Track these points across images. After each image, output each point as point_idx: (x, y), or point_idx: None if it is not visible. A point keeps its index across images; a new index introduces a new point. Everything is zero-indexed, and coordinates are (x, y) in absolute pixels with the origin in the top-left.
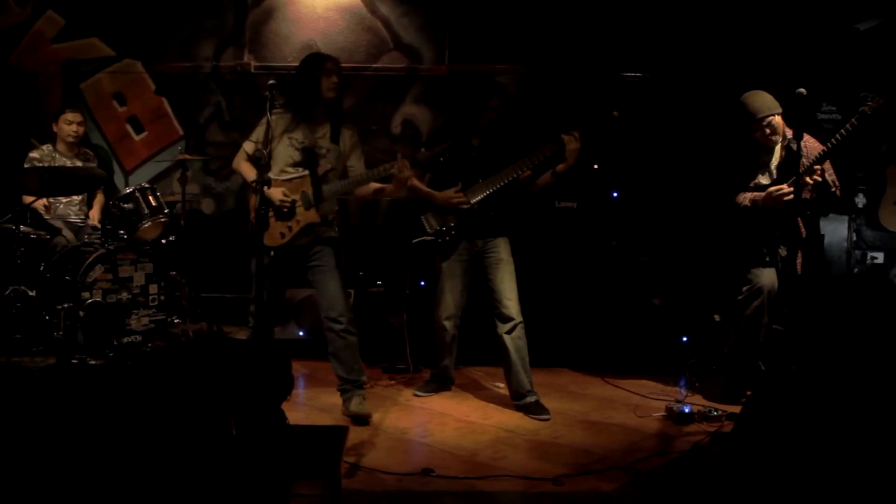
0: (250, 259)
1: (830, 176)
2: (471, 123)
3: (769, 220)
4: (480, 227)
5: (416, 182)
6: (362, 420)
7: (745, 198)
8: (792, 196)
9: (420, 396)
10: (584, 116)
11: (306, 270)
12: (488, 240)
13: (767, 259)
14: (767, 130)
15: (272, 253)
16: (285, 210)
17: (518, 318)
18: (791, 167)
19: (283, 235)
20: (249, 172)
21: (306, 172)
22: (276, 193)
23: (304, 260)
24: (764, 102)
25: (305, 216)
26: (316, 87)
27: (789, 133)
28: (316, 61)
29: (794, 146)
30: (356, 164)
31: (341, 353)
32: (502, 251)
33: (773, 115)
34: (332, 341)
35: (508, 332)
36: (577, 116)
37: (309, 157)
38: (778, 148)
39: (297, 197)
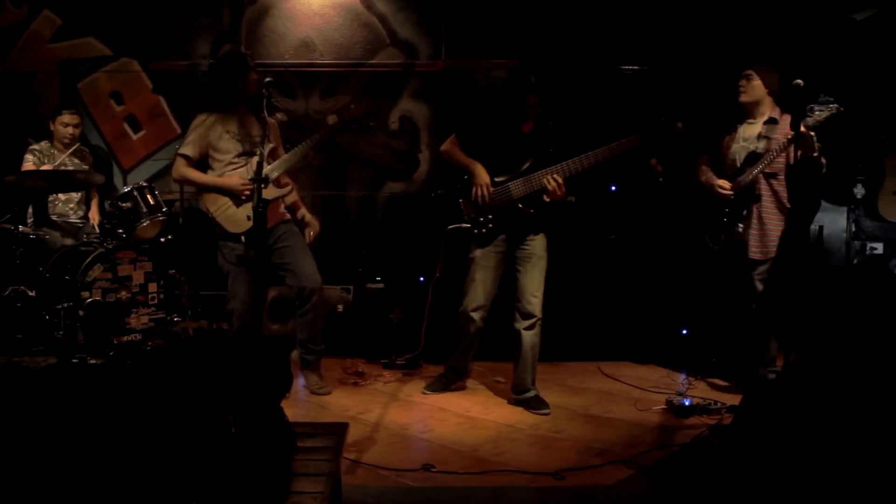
0: (216, 256)
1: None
2: (515, 109)
3: (714, 204)
4: (521, 223)
5: (458, 151)
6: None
7: (703, 173)
8: (731, 195)
9: (428, 394)
10: (646, 124)
11: (272, 253)
12: (527, 234)
13: (710, 243)
14: (742, 81)
15: (242, 239)
16: (247, 194)
17: (539, 315)
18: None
19: (249, 218)
20: (196, 174)
21: (252, 158)
22: (235, 181)
23: (271, 244)
24: (763, 66)
25: (264, 194)
26: (242, 84)
27: (778, 115)
28: (237, 61)
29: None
30: (280, 144)
31: (316, 322)
32: (537, 246)
33: (754, 75)
34: (305, 312)
35: (527, 329)
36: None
37: (251, 144)
38: (759, 123)
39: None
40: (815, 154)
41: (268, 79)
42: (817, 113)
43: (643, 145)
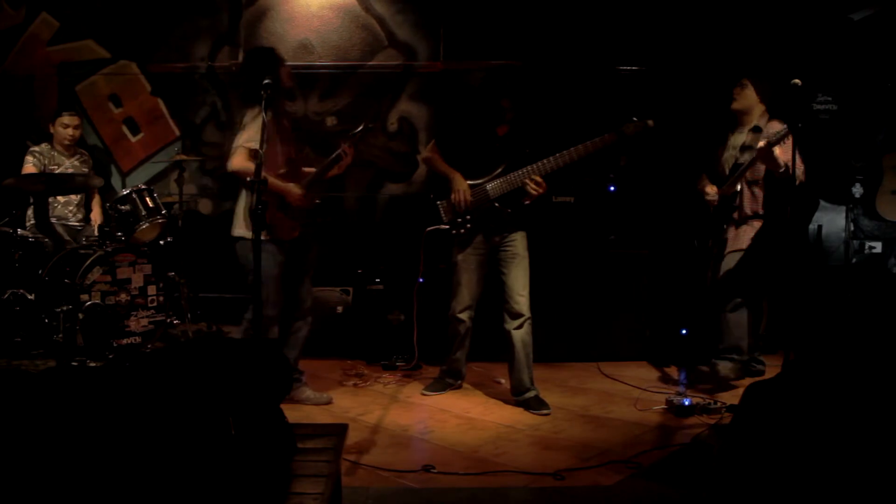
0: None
1: (784, 157)
2: (491, 112)
3: (704, 209)
4: (498, 223)
5: (439, 159)
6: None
7: (700, 179)
8: (716, 202)
9: (428, 395)
10: (616, 122)
11: (291, 259)
12: (506, 234)
13: (696, 245)
14: (736, 89)
15: (286, 246)
16: (300, 204)
17: (527, 314)
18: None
19: (293, 229)
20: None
21: (292, 166)
22: (295, 189)
23: (295, 252)
24: (758, 76)
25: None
26: (282, 79)
27: (764, 124)
28: (275, 56)
29: (759, 136)
30: None
31: (305, 339)
32: (518, 246)
33: (748, 84)
34: (299, 329)
35: (517, 329)
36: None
37: (297, 151)
38: (746, 132)
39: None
40: (781, 170)
41: (266, 80)
42: (775, 132)
43: (618, 143)
